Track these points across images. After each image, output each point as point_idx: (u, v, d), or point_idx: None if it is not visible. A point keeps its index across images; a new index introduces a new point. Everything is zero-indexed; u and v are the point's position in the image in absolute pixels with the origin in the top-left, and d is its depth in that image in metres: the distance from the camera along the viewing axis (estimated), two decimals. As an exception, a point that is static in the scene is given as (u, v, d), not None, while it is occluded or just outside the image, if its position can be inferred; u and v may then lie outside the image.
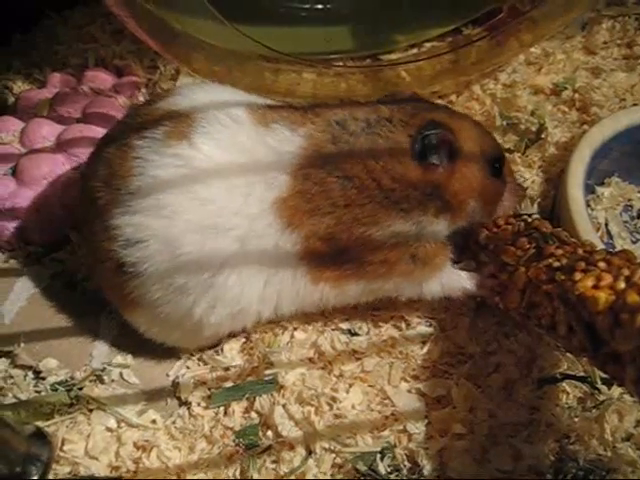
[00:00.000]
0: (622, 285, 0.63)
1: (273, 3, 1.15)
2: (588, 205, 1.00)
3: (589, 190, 1.00)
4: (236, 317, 0.79)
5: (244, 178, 0.73)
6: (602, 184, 1.02)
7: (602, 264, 0.68)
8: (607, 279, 0.65)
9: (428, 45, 1.20)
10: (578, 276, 0.67)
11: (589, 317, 0.64)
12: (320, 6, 1.18)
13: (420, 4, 1.19)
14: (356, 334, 0.87)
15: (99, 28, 1.22)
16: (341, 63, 1.15)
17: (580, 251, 0.73)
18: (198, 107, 0.76)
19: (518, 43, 1.12)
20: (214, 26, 0.95)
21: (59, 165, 0.99)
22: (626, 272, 0.65)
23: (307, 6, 1.18)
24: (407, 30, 1.19)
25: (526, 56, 1.19)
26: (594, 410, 0.80)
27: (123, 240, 0.73)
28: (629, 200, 1.02)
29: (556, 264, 0.72)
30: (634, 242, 0.98)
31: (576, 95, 1.11)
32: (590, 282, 0.65)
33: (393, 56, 1.18)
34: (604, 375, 0.77)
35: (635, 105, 1.08)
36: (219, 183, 0.72)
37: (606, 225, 0.99)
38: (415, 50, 1.20)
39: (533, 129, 1.05)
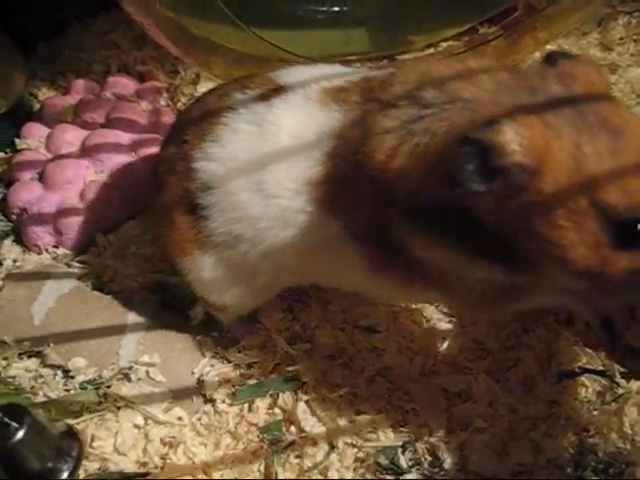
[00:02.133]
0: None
1: (290, 7, 1.17)
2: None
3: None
4: (281, 274, 0.78)
5: (293, 153, 0.71)
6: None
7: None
8: None
9: (444, 45, 1.21)
10: None
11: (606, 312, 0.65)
12: (337, 8, 1.19)
13: (436, 4, 1.20)
14: (376, 331, 0.88)
15: (121, 35, 1.24)
16: (358, 64, 1.15)
17: None
18: (294, 80, 0.75)
19: (534, 41, 1.13)
20: (232, 30, 0.97)
21: (84, 169, 1.01)
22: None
23: (324, 9, 1.19)
24: (423, 30, 1.20)
25: (542, 53, 1.15)
26: (613, 403, 0.80)
27: (200, 183, 0.74)
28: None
29: None
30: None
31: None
32: None
33: (409, 56, 1.19)
34: (623, 369, 0.78)
35: (652, 101, 1.09)
36: (275, 151, 0.71)
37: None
38: (432, 50, 1.20)
39: None
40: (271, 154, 0.70)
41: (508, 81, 0.58)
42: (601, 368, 0.81)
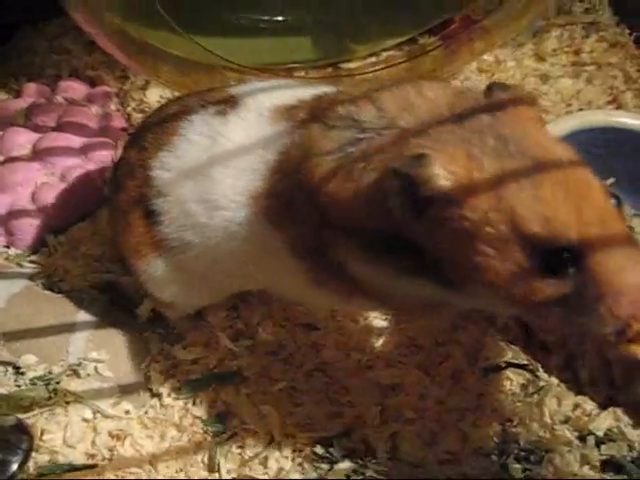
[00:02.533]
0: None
1: (234, 16, 1.18)
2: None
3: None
4: (229, 280, 0.81)
5: (239, 165, 0.71)
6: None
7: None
8: None
9: (385, 54, 1.23)
10: None
11: None
12: (280, 18, 1.21)
13: (378, 15, 1.22)
14: (315, 328, 0.90)
15: (72, 40, 1.24)
16: (303, 73, 1.18)
17: None
18: (251, 95, 0.76)
19: (471, 51, 1.16)
20: (179, 38, 0.98)
21: (35, 172, 1.02)
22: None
23: (266, 18, 1.20)
24: (366, 40, 1.22)
25: (478, 64, 1.22)
26: (535, 395, 0.83)
27: (156, 190, 0.76)
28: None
29: None
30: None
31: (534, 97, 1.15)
32: None
33: (352, 65, 1.21)
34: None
35: (580, 110, 1.14)
36: (224, 163, 0.72)
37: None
38: (373, 59, 1.22)
39: None
40: (218, 166, 0.72)
41: (442, 110, 0.60)
42: (525, 362, 0.84)
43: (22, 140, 1.06)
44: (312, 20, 1.22)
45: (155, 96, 1.13)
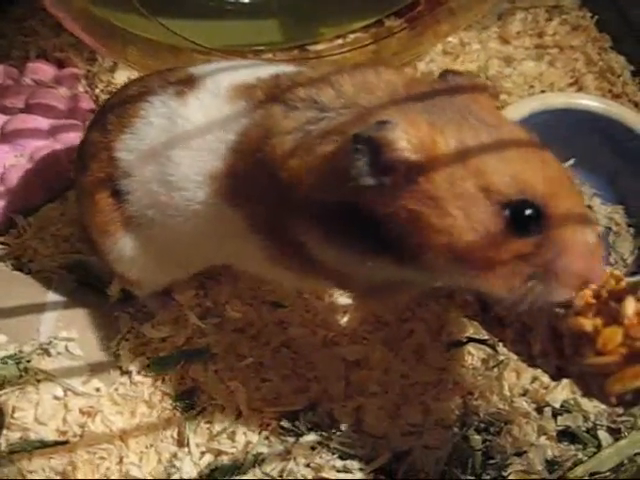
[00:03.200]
0: (506, 257, 0.71)
1: None
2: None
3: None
4: (192, 257, 0.82)
5: (198, 146, 0.72)
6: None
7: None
8: None
9: (352, 36, 1.24)
10: None
11: None
12: (246, 0, 1.22)
13: None
14: (282, 306, 0.92)
15: (39, 22, 1.24)
16: (270, 55, 1.19)
17: None
18: (210, 76, 0.77)
19: (436, 34, 1.17)
20: (145, 21, 0.99)
21: (3, 154, 1.02)
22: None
23: (232, 0, 1.21)
24: (333, 22, 1.23)
25: (444, 46, 1.23)
26: (495, 369, 0.87)
27: (121, 171, 0.77)
28: (537, 180, 1.11)
29: None
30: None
31: (488, 82, 1.15)
32: None
33: (320, 47, 1.22)
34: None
35: (542, 92, 1.16)
36: (182, 144, 0.73)
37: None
38: (340, 41, 1.23)
39: None
40: (177, 147, 0.73)
41: (400, 91, 0.62)
42: (485, 338, 0.87)
43: (-11, 121, 1.06)
44: (278, 2, 1.23)
45: (123, 78, 1.12)
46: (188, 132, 0.73)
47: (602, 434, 0.83)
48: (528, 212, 0.55)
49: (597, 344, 0.56)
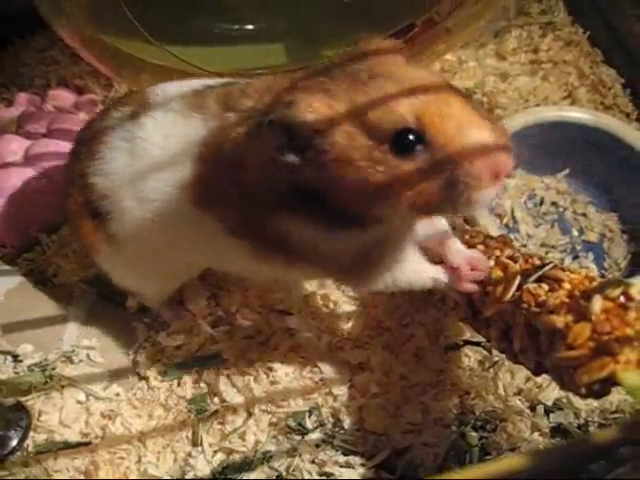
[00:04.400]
0: (491, 263, 0.75)
1: (207, 25, 1.22)
2: (496, 195, 1.13)
3: (496, 182, 1.13)
4: (177, 266, 0.86)
5: (162, 160, 0.77)
6: (508, 176, 1.15)
7: (480, 247, 0.80)
8: None
9: None
10: None
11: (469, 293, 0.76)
12: (250, 26, 1.25)
13: (344, 21, 1.26)
14: (290, 313, 0.96)
15: (59, 51, 1.28)
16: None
17: (466, 237, 0.83)
18: (161, 94, 0.81)
19: (433, 53, 1.20)
20: (155, 48, 1.03)
21: (27, 176, 1.06)
22: (497, 253, 0.77)
23: (236, 27, 1.24)
24: (334, 44, 1.22)
25: (441, 64, 1.27)
26: (490, 370, 0.90)
27: (97, 194, 0.81)
28: (533, 189, 1.13)
29: None
30: (537, 226, 1.10)
31: (484, 98, 1.20)
32: None
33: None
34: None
35: (537, 106, 1.20)
36: (148, 161, 0.78)
37: (512, 212, 1.11)
38: None
39: None
40: (144, 166, 0.78)
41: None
42: (482, 340, 0.90)
43: (14, 147, 1.10)
44: (282, 27, 1.26)
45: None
46: (152, 152, 0.78)
47: (593, 430, 0.87)
48: (406, 137, 0.59)
49: (568, 339, 0.61)
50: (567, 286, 0.66)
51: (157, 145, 0.78)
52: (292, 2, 1.25)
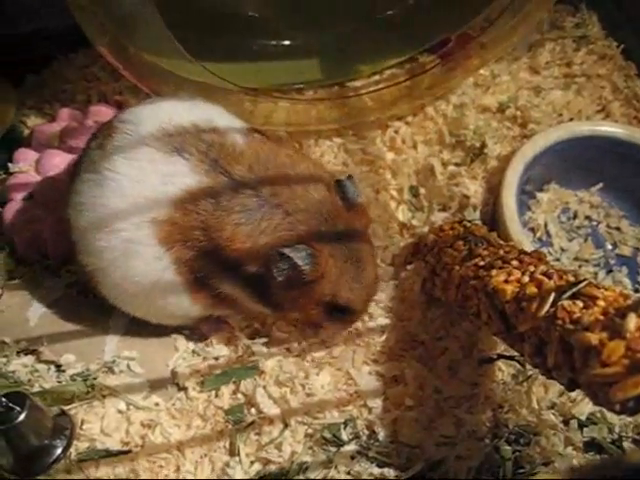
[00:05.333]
0: (526, 279, 0.76)
1: (247, 42, 1.24)
2: (529, 209, 1.13)
3: (530, 195, 1.14)
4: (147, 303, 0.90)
5: (136, 193, 0.81)
6: (542, 190, 1.15)
7: (515, 262, 0.81)
8: (516, 274, 0.77)
9: (388, 72, 1.28)
10: (494, 272, 0.79)
11: (501, 305, 0.76)
12: (287, 42, 1.27)
13: (378, 37, 1.28)
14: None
15: (100, 68, 1.30)
16: (311, 92, 1.24)
17: (501, 251, 0.85)
18: (130, 120, 0.85)
19: (468, 68, 1.22)
20: (193, 65, 1.05)
21: None
22: (531, 268, 0.78)
23: (275, 42, 1.26)
24: (369, 60, 1.28)
25: (475, 78, 1.27)
26: (524, 384, 0.91)
27: (70, 225, 0.86)
28: (566, 203, 1.15)
29: (481, 263, 0.84)
30: (570, 240, 1.11)
31: (518, 112, 1.20)
32: (502, 277, 0.78)
33: (357, 83, 1.27)
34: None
35: (571, 120, 1.20)
36: (118, 192, 0.81)
37: (545, 226, 1.12)
38: (377, 77, 1.28)
39: (477, 145, 1.14)
40: (113, 195, 0.82)
41: (316, 207, 0.83)
42: (515, 354, 0.89)
43: (57, 161, 1.13)
44: (319, 43, 1.28)
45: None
46: (122, 183, 0.82)
47: (627, 445, 0.87)
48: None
49: (602, 356, 0.62)
50: (601, 303, 0.66)
51: (129, 177, 0.82)
52: (328, 17, 1.27)
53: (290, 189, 0.83)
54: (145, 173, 0.81)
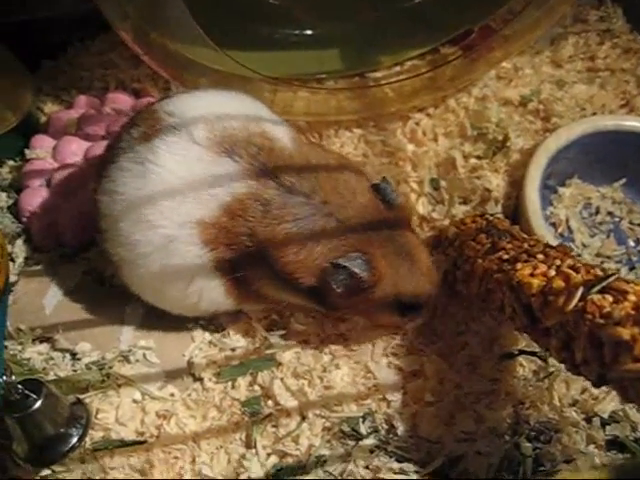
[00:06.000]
0: (552, 273, 0.74)
1: (268, 30, 1.24)
2: (551, 204, 1.12)
3: (552, 190, 1.12)
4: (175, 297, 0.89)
5: (179, 189, 0.81)
6: (564, 185, 1.14)
7: (540, 256, 0.80)
8: (542, 268, 0.76)
9: (409, 63, 1.27)
10: (519, 266, 0.78)
11: (526, 299, 0.75)
12: (309, 32, 1.26)
13: (401, 28, 1.27)
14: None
15: (118, 55, 1.30)
16: (332, 82, 1.24)
17: (525, 245, 0.84)
18: (178, 113, 0.84)
19: (490, 60, 1.21)
20: (215, 53, 1.04)
21: (86, 177, 1.07)
22: (558, 262, 0.77)
23: (297, 32, 1.26)
24: (390, 51, 1.27)
25: (497, 71, 1.26)
26: (545, 380, 0.90)
27: (100, 212, 0.85)
28: (588, 198, 1.13)
29: (505, 256, 0.83)
30: (592, 236, 1.09)
31: (540, 106, 1.19)
32: (527, 271, 0.76)
33: (378, 74, 1.26)
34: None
35: (594, 114, 1.19)
36: (163, 189, 0.81)
37: (567, 221, 1.10)
38: (398, 68, 1.27)
39: (499, 138, 1.13)
40: (158, 190, 0.81)
41: (363, 211, 0.84)
42: (536, 350, 0.91)
43: (74, 148, 1.13)
44: (340, 33, 1.27)
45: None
46: (165, 177, 0.81)
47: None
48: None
49: (634, 351, 0.60)
50: (632, 298, 0.65)
51: (174, 173, 0.81)
52: (352, 8, 1.26)
53: (339, 194, 0.84)
54: (193, 172, 0.81)
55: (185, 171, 0.81)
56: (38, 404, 0.76)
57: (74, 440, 0.82)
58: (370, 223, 0.84)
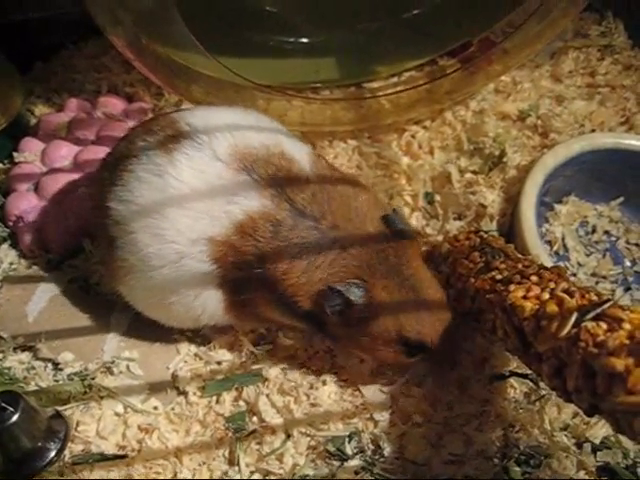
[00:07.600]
0: (546, 296, 0.72)
1: (262, 38, 1.22)
2: (547, 221, 1.10)
3: (548, 207, 1.11)
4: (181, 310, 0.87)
5: (196, 206, 0.80)
6: (560, 202, 1.12)
7: (534, 277, 0.78)
8: (535, 290, 0.74)
9: (406, 75, 1.26)
10: (512, 287, 0.76)
11: (519, 322, 0.73)
12: (305, 40, 1.25)
13: (399, 38, 1.25)
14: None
15: (111, 59, 1.29)
16: (327, 92, 1.22)
17: (519, 266, 0.82)
18: (200, 127, 0.83)
19: (489, 74, 1.20)
20: (207, 60, 1.02)
21: (75, 182, 1.06)
22: (552, 285, 0.75)
23: (292, 39, 1.24)
24: (388, 61, 1.25)
25: (495, 85, 1.25)
26: (537, 403, 0.88)
27: (112, 220, 0.83)
28: (585, 217, 1.11)
29: (498, 276, 0.81)
30: (588, 255, 1.08)
31: (539, 121, 1.18)
32: (520, 293, 0.75)
33: (375, 85, 1.25)
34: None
35: (593, 131, 1.17)
36: (180, 203, 0.80)
37: (563, 239, 1.09)
38: (395, 79, 1.26)
39: (496, 153, 1.11)
40: (174, 204, 0.80)
41: (370, 240, 0.83)
42: (528, 372, 0.89)
43: (64, 152, 1.12)
44: (337, 41, 1.26)
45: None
46: (185, 193, 0.80)
47: (642, 472, 0.84)
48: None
49: (628, 383, 0.58)
50: (627, 326, 0.63)
51: (193, 189, 0.80)
52: (349, 17, 1.25)
53: (349, 221, 0.83)
54: (212, 189, 0.80)
55: (204, 187, 0.80)
56: (15, 417, 0.75)
57: (52, 454, 0.80)
58: (375, 252, 0.82)
